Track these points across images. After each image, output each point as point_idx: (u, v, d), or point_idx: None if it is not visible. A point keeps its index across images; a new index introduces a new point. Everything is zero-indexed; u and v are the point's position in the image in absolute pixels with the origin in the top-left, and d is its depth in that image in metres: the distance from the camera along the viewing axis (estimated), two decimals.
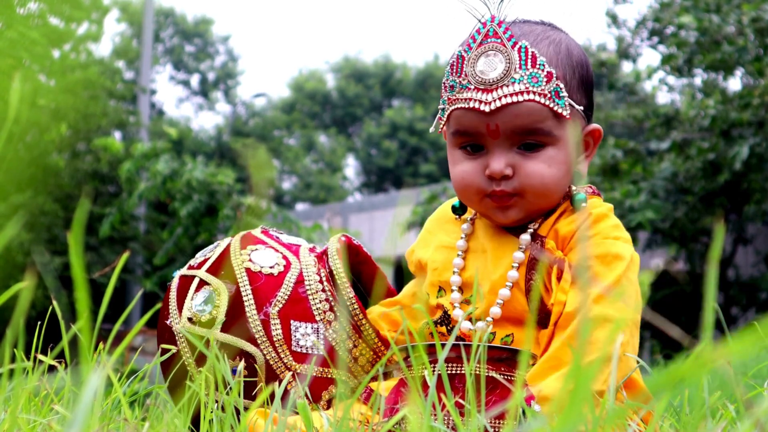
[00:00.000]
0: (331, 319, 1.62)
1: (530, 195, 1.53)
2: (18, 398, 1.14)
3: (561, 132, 1.52)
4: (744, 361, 3.24)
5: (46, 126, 12.60)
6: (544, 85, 1.49)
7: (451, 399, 1.05)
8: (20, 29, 9.67)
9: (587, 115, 1.59)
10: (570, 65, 1.54)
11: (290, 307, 1.61)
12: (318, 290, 1.64)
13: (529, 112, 1.49)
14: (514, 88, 1.48)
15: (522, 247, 1.54)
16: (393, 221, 14.75)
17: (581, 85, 1.56)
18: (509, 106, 1.49)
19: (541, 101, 1.49)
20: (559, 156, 1.52)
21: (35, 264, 11.41)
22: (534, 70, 1.49)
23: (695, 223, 10.57)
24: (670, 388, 0.70)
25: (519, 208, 1.55)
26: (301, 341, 1.60)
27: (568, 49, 1.55)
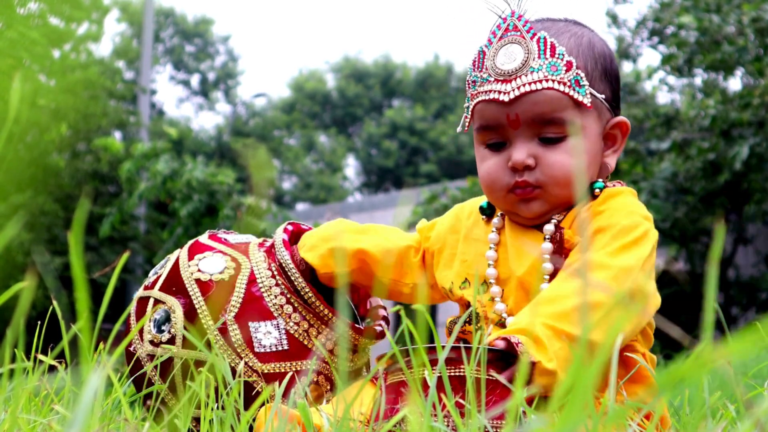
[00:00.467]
0: (289, 312, 1.61)
1: (552, 186, 1.52)
2: (18, 398, 1.14)
3: (583, 120, 1.51)
4: (744, 361, 3.25)
5: (46, 126, 12.60)
6: (564, 74, 1.49)
7: (451, 399, 1.05)
8: (20, 29, 9.67)
9: (612, 107, 1.58)
10: (592, 56, 1.53)
11: (246, 309, 1.59)
12: (271, 285, 1.62)
13: (548, 100, 1.49)
14: (533, 77, 1.49)
15: (547, 237, 1.53)
16: (393, 221, 14.76)
17: (604, 75, 1.55)
18: (528, 95, 1.49)
19: (561, 89, 1.49)
20: (581, 146, 1.53)
21: (35, 264, 11.41)
22: (553, 59, 1.49)
23: (695, 223, 10.57)
24: (670, 388, 0.70)
25: (542, 200, 1.54)
26: (264, 341, 1.58)
27: (591, 41, 1.55)
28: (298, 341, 1.60)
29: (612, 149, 1.60)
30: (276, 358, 1.58)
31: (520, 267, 1.56)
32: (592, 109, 1.52)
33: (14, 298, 1.05)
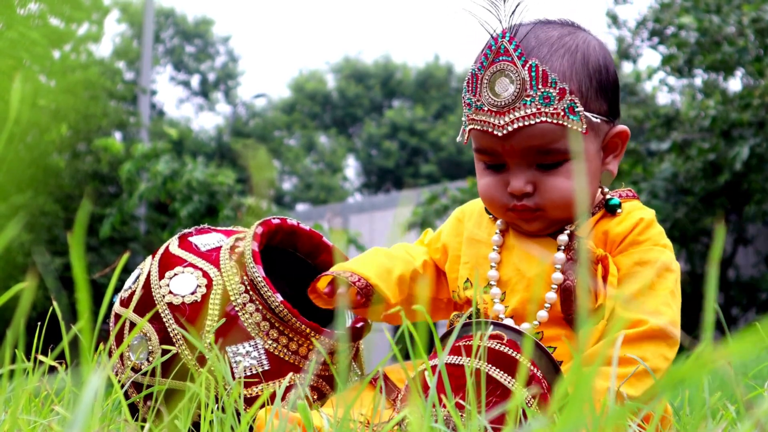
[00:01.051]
0: (266, 329, 1.57)
1: (552, 210, 1.54)
2: (18, 399, 1.14)
3: (579, 145, 1.51)
4: (744, 362, 3.24)
5: (46, 126, 12.60)
6: (557, 104, 1.48)
7: (451, 400, 1.05)
8: (21, 30, 9.67)
9: (611, 116, 1.57)
10: (586, 74, 1.52)
11: (222, 331, 1.55)
12: (245, 303, 1.59)
13: (541, 133, 1.49)
14: (526, 111, 1.48)
15: (561, 247, 1.55)
16: (393, 222, 14.74)
17: (600, 91, 1.53)
18: (522, 129, 1.49)
19: (554, 121, 1.48)
20: (579, 168, 1.53)
21: (36, 264, 11.41)
22: (546, 89, 1.48)
23: (695, 223, 10.57)
24: (670, 389, 0.70)
25: (542, 220, 1.56)
26: (244, 363, 1.55)
27: (584, 56, 1.53)
28: (279, 358, 1.57)
29: (613, 155, 1.60)
30: (257, 380, 1.55)
31: (529, 270, 1.57)
32: (588, 131, 1.52)
33: (15, 299, 1.05)
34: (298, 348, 1.60)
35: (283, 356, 1.58)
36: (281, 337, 1.59)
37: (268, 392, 1.15)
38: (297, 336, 1.60)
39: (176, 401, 1.53)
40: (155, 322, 1.58)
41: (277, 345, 1.58)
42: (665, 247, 1.53)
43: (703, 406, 1.20)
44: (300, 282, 1.79)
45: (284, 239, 1.76)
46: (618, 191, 1.63)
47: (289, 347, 1.59)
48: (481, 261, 1.63)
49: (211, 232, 1.74)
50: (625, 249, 1.53)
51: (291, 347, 1.59)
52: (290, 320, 1.58)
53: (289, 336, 1.59)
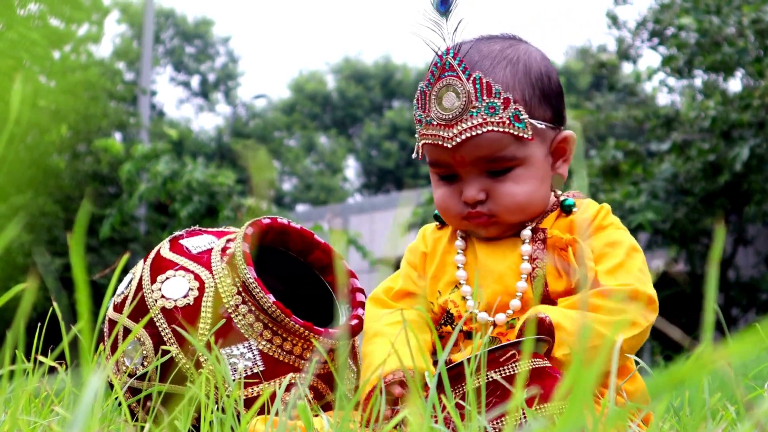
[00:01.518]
0: (260, 330, 1.58)
1: (505, 215, 1.60)
2: (18, 399, 1.14)
3: (526, 151, 1.58)
4: (744, 363, 3.25)
5: (46, 127, 12.60)
6: (502, 113, 1.54)
7: (451, 401, 1.05)
8: (21, 30, 9.68)
9: (556, 122, 1.63)
10: (529, 83, 1.58)
11: (216, 334, 1.55)
12: (238, 304, 1.59)
13: (488, 142, 1.55)
14: (472, 122, 1.54)
15: (526, 240, 1.61)
16: (393, 222, 14.75)
17: (543, 99, 1.60)
18: (470, 140, 1.55)
19: (500, 129, 1.54)
20: (527, 173, 1.59)
21: (36, 265, 11.41)
22: (490, 99, 1.54)
23: (695, 224, 10.57)
24: (670, 390, 0.70)
25: (498, 225, 1.63)
26: (239, 365, 1.55)
27: (526, 66, 1.59)
28: (273, 358, 1.58)
29: (562, 159, 1.65)
30: (254, 381, 1.56)
31: (497, 264, 1.62)
32: (534, 138, 1.58)
33: (15, 300, 1.05)
34: (292, 348, 1.60)
35: (277, 356, 1.58)
36: (275, 338, 1.59)
37: (267, 393, 1.15)
38: (291, 336, 1.60)
39: (175, 403, 1.53)
40: (149, 327, 1.58)
41: (272, 345, 1.59)
42: (626, 231, 1.62)
43: (703, 407, 1.20)
44: (293, 280, 1.80)
45: (275, 238, 1.76)
46: (569, 193, 1.69)
47: (283, 347, 1.59)
48: (447, 267, 1.68)
49: (202, 233, 1.74)
50: (592, 233, 1.60)
51: (285, 347, 1.60)
52: (283, 320, 1.59)
53: (283, 336, 1.60)
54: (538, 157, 1.59)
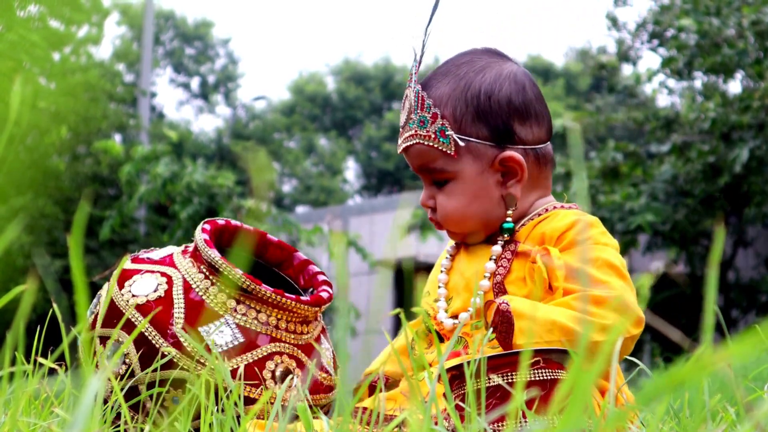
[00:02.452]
0: (233, 306, 1.61)
1: (446, 224, 1.68)
2: (18, 401, 1.14)
3: (455, 166, 1.63)
4: (744, 364, 3.25)
5: (46, 129, 12.61)
6: (429, 127, 1.61)
7: (451, 402, 1.06)
8: (20, 32, 9.68)
9: (499, 141, 1.63)
10: (463, 101, 1.62)
11: (191, 316, 1.59)
12: (207, 287, 1.63)
13: (418, 153, 1.65)
14: (408, 132, 1.65)
15: (493, 257, 1.63)
16: (393, 224, 14.75)
17: (477, 117, 1.62)
18: (408, 149, 1.66)
19: (425, 143, 1.62)
20: (458, 188, 1.64)
21: (36, 267, 11.41)
22: (422, 112, 1.62)
23: (695, 225, 10.57)
24: (670, 391, 0.70)
25: (450, 233, 1.71)
26: (218, 340, 1.58)
27: (467, 83, 1.63)
28: (251, 329, 1.61)
29: (515, 179, 1.65)
30: (235, 353, 1.58)
31: (469, 269, 1.67)
32: (463, 153, 1.62)
33: (15, 301, 1.05)
34: (267, 318, 1.63)
35: (255, 328, 1.61)
36: (250, 311, 1.62)
37: (267, 395, 1.15)
38: (264, 306, 1.63)
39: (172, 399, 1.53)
40: (126, 328, 1.60)
41: (247, 318, 1.62)
42: (606, 245, 1.56)
43: (703, 409, 1.20)
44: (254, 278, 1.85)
45: (230, 239, 1.80)
46: (563, 203, 1.69)
47: (258, 319, 1.62)
48: (436, 273, 1.75)
49: (160, 249, 1.79)
50: (566, 248, 1.57)
51: (261, 318, 1.63)
52: (254, 290, 1.61)
53: (256, 309, 1.62)
54: (469, 174, 1.63)
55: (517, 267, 1.59)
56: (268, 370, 1.59)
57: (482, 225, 1.66)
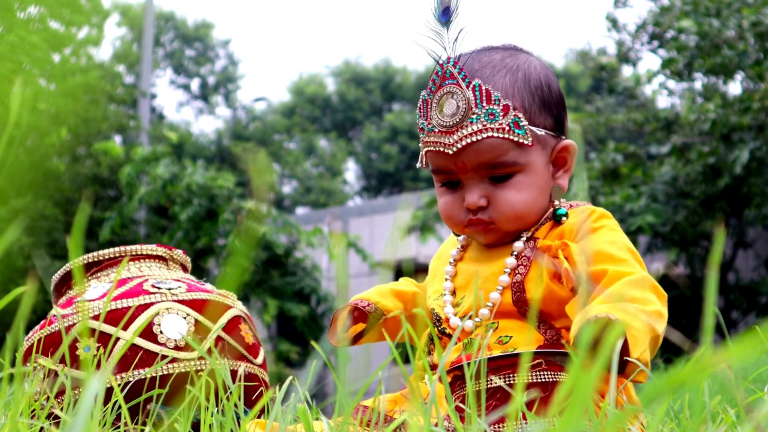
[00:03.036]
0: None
1: (504, 222, 1.62)
2: (18, 402, 1.14)
3: (527, 158, 1.60)
4: (744, 365, 3.24)
5: (46, 130, 12.60)
6: (501, 119, 1.57)
7: (452, 404, 1.05)
8: (20, 33, 9.68)
9: (557, 131, 1.65)
10: (528, 92, 1.60)
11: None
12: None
13: (489, 148, 1.58)
14: (473, 128, 1.57)
15: (515, 253, 1.62)
16: (393, 225, 14.76)
17: (543, 107, 1.62)
18: (470, 145, 1.58)
19: (500, 135, 1.57)
20: (527, 180, 1.61)
21: (36, 268, 11.41)
22: (490, 106, 1.57)
23: (695, 227, 10.57)
24: (670, 393, 0.70)
25: (495, 232, 1.65)
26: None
27: (526, 74, 1.62)
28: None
29: (563, 170, 1.67)
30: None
31: (483, 270, 1.64)
32: (534, 145, 1.60)
33: (15, 302, 1.05)
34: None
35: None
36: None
37: (267, 396, 1.16)
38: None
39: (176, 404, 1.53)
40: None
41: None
42: (621, 232, 1.61)
43: (703, 410, 1.20)
44: None
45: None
46: (570, 202, 1.70)
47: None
48: (441, 271, 1.73)
49: None
50: (585, 236, 1.60)
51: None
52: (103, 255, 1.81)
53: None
54: (539, 165, 1.61)
55: (535, 265, 1.59)
56: (147, 285, 1.68)
57: (534, 220, 1.65)
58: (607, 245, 1.54)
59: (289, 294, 10.70)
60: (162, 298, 1.66)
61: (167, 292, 1.68)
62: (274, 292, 10.65)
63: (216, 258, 10.80)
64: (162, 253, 1.80)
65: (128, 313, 1.63)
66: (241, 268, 1.64)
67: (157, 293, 1.68)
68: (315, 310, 10.96)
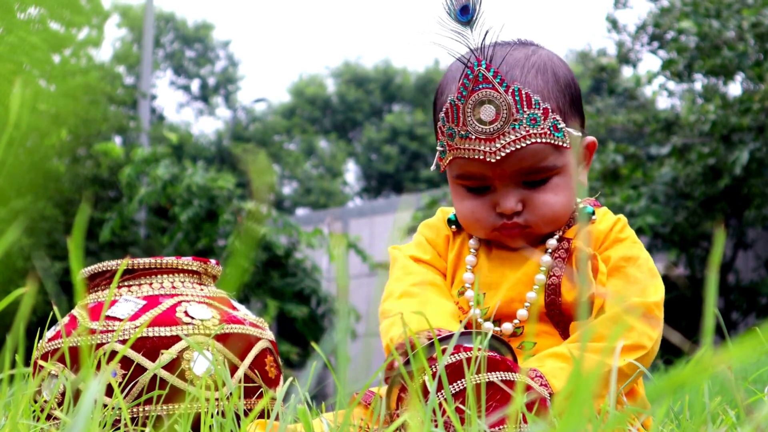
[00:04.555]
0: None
1: (541, 225, 1.59)
2: (18, 404, 1.14)
3: (564, 160, 1.57)
4: (744, 366, 3.24)
5: (46, 131, 12.60)
6: (543, 123, 1.52)
7: (451, 405, 1.05)
8: (21, 34, 9.68)
9: (583, 129, 1.63)
10: (560, 91, 1.57)
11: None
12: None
13: (533, 154, 1.53)
14: (516, 134, 1.52)
15: (549, 250, 1.59)
16: (393, 226, 14.75)
17: (573, 105, 1.59)
18: (514, 152, 1.53)
19: (543, 141, 1.53)
20: (563, 182, 1.58)
21: (36, 269, 11.41)
22: (531, 110, 1.52)
23: (695, 227, 10.56)
24: (670, 394, 0.70)
25: (527, 236, 1.61)
26: (120, 309, 1.67)
27: (554, 73, 1.58)
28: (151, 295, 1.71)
29: (583, 166, 1.65)
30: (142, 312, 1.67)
31: (512, 272, 1.60)
32: (570, 147, 1.57)
33: (15, 304, 1.04)
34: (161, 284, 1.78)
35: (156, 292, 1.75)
36: (142, 285, 1.76)
37: (267, 398, 1.16)
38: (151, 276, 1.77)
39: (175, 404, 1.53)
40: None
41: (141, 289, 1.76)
42: (642, 246, 1.61)
43: (703, 411, 1.20)
44: None
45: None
46: (587, 200, 1.68)
47: (153, 287, 1.75)
48: (460, 269, 1.67)
49: None
50: (610, 246, 1.59)
51: (155, 287, 1.76)
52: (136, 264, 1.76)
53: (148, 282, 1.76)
54: (572, 165, 1.59)
55: (569, 267, 1.58)
56: (180, 312, 1.66)
57: (568, 219, 1.63)
58: (626, 262, 1.56)
59: (289, 295, 10.70)
60: (195, 330, 1.65)
61: (200, 324, 1.67)
62: (274, 293, 10.65)
63: (216, 259, 10.80)
64: (197, 267, 1.79)
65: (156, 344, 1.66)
66: (242, 269, 1.63)
67: (190, 324, 1.66)
68: (315, 311, 10.95)
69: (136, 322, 1.64)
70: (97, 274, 1.77)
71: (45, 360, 1.67)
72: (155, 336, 1.62)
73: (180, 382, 1.57)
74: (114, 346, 1.60)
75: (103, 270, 1.77)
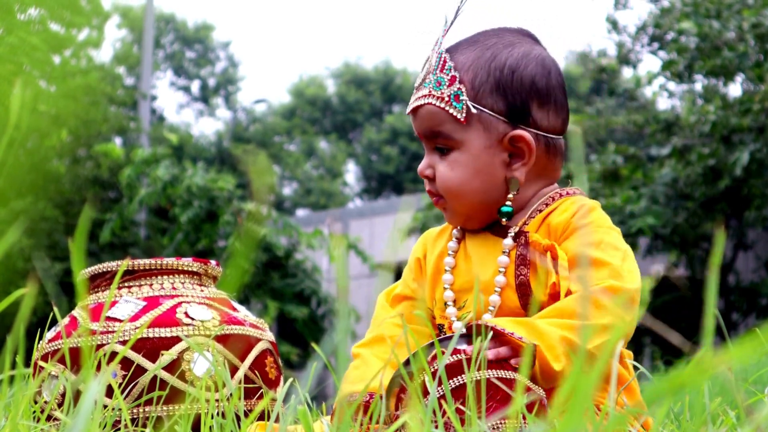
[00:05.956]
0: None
1: (446, 197, 1.60)
2: (18, 404, 1.14)
3: (463, 135, 1.56)
4: (745, 367, 3.25)
5: (46, 132, 12.60)
6: (445, 89, 1.56)
7: (451, 405, 1.05)
8: (21, 35, 9.68)
9: (513, 118, 1.58)
10: (485, 70, 1.57)
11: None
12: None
13: (428, 115, 1.58)
14: (421, 92, 1.59)
15: (506, 251, 1.57)
16: (394, 227, 14.74)
17: (497, 89, 1.56)
18: (418, 109, 1.60)
19: (437, 104, 1.56)
20: (461, 159, 1.57)
21: (36, 270, 11.41)
22: (440, 74, 1.57)
23: (696, 228, 10.57)
24: (670, 395, 0.70)
25: (450, 210, 1.62)
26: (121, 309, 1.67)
27: (494, 55, 1.58)
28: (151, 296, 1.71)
29: (521, 162, 1.59)
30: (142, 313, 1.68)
31: (483, 274, 1.59)
32: (473, 123, 1.56)
33: (15, 304, 1.05)
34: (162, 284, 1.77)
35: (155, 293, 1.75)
36: (143, 286, 1.76)
37: (267, 398, 1.16)
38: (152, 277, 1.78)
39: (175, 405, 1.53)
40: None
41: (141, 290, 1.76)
42: (611, 229, 1.54)
43: (704, 412, 1.20)
44: None
45: None
46: (566, 189, 1.64)
47: (153, 288, 1.75)
48: (442, 272, 1.65)
49: None
50: (569, 235, 1.54)
51: (155, 287, 1.76)
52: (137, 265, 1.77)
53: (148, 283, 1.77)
54: (476, 146, 1.56)
55: (534, 264, 1.54)
56: (181, 313, 1.67)
57: (481, 205, 1.59)
58: (592, 247, 1.49)
59: (289, 296, 10.70)
60: (195, 331, 1.65)
61: (200, 325, 1.66)
62: (274, 293, 10.65)
63: (216, 260, 10.79)
64: (197, 268, 1.79)
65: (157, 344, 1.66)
66: (242, 270, 1.63)
67: (190, 325, 1.66)
68: (315, 311, 10.96)
69: (137, 323, 1.64)
70: (98, 275, 1.77)
71: (45, 361, 1.67)
72: (155, 337, 1.62)
73: (180, 383, 1.57)
74: (114, 346, 1.60)
75: (103, 271, 1.76)
